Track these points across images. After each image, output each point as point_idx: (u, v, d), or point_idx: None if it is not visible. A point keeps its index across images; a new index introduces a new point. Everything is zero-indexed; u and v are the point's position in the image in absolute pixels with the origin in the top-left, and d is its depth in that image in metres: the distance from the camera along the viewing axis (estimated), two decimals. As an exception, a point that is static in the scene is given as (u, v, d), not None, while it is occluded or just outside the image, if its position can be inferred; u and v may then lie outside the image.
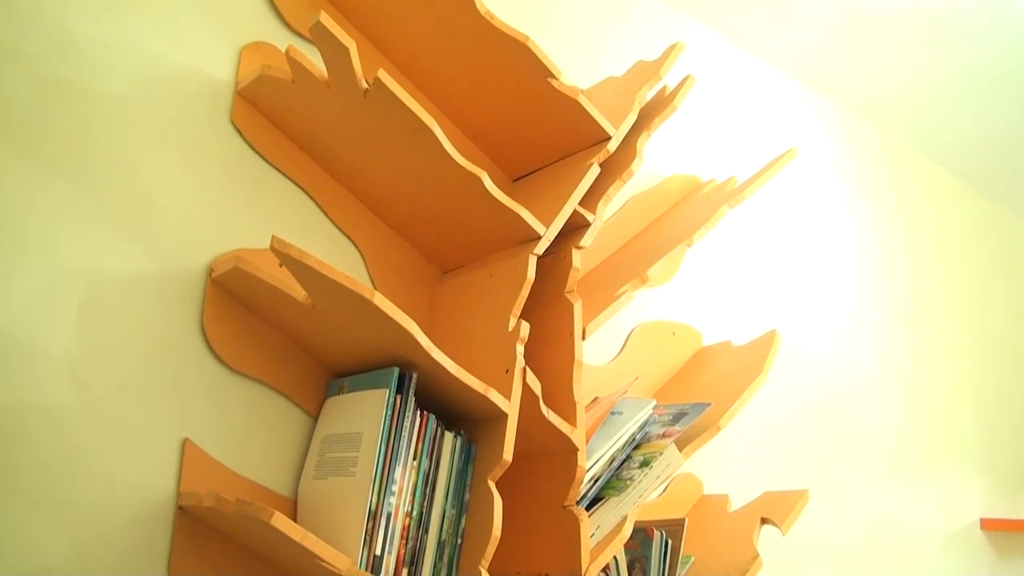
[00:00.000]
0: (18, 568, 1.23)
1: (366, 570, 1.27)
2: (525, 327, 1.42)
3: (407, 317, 1.29)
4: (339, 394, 1.47)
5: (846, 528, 2.58)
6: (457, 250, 1.65)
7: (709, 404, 1.68)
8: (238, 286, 1.42)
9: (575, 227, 1.59)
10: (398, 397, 1.36)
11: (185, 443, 1.38)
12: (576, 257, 1.56)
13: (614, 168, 1.65)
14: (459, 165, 1.40)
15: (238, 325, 1.46)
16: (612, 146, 1.62)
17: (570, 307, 1.53)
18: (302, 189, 1.58)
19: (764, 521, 1.76)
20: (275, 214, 1.54)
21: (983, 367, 3.29)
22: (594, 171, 1.56)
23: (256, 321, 1.48)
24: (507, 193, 1.78)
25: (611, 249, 1.97)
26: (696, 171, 2.28)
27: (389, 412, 1.34)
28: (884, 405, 2.80)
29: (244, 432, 1.45)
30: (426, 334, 1.48)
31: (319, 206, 1.59)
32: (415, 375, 1.38)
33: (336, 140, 1.51)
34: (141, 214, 1.41)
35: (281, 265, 1.47)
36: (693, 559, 1.77)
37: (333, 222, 1.61)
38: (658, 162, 2.19)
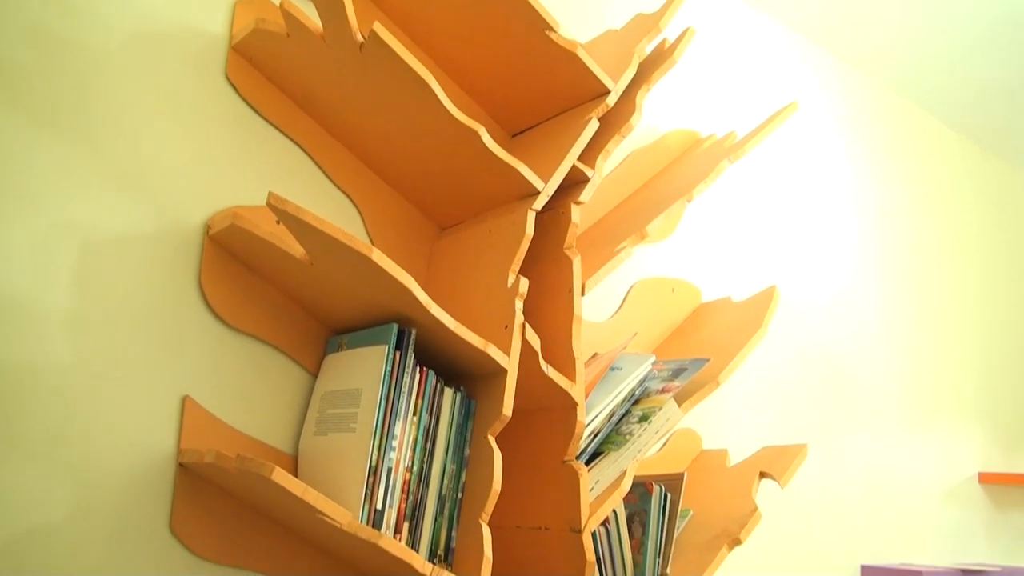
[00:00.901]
0: (20, 525, 1.23)
1: (367, 524, 1.28)
2: (524, 283, 1.42)
3: (405, 273, 1.28)
4: (338, 351, 1.47)
5: (845, 482, 2.60)
6: (455, 206, 1.64)
7: (708, 359, 1.69)
8: (235, 243, 1.42)
9: (574, 182, 1.58)
10: (397, 353, 1.36)
11: (185, 400, 1.39)
12: (575, 213, 1.55)
13: (613, 122, 1.64)
14: (456, 120, 1.39)
15: (236, 282, 1.46)
16: (611, 100, 1.60)
17: (569, 263, 1.52)
18: (298, 145, 1.57)
19: (763, 475, 1.77)
20: (272, 171, 1.53)
21: (983, 322, 3.29)
22: (593, 125, 1.55)
23: (254, 278, 1.47)
24: (505, 148, 1.76)
25: (610, 205, 1.96)
26: (696, 126, 2.26)
27: (388, 368, 1.34)
28: (883, 360, 2.80)
29: (244, 389, 1.46)
30: (425, 291, 1.48)
31: (316, 162, 1.58)
32: (414, 331, 1.38)
33: (332, 95, 1.50)
34: (137, 171, 1.40)
35: (278, 222, 1.46)
36: (692, 513, 1.78)
37: (330, 179, 1.59)
38: (657, 117, 2.18)
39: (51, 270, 1.31)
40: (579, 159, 1.57)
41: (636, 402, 1.65)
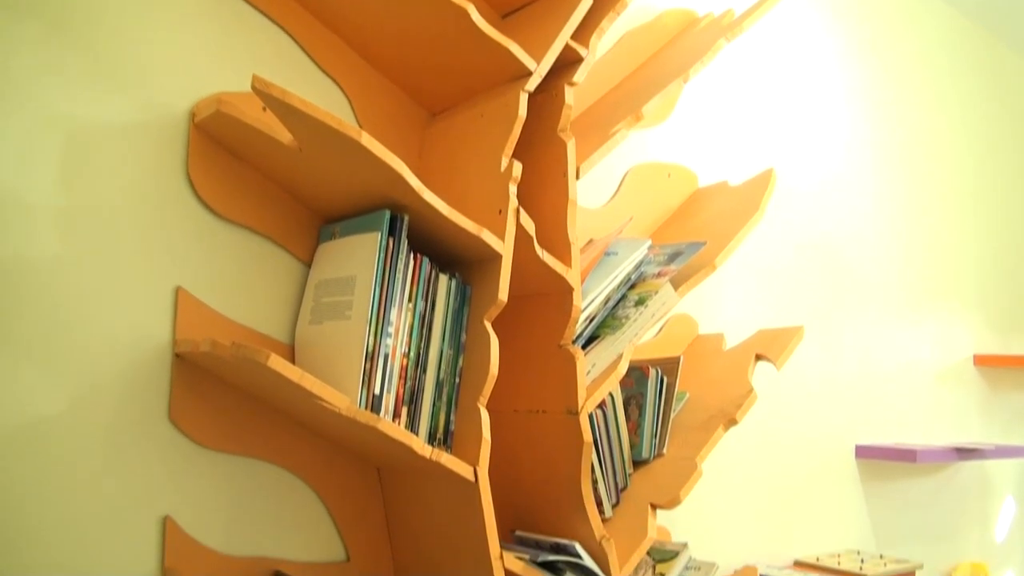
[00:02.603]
0: (17, 419, 1.24)
1: (366, 409, 1.29)
2: (517, 166, 1.40)
3: (396, 157, 1.26)
4: (331, 239, 1.46)
5: (841, 365, 2.63)
6: (446, 91, 1.60)
7: (704, 243, 1.68)
8: (222, 131, 1.39)
9: (567, 63, 1.54)
10: (390, 240, 1.34)
11: (178, 291, 1.38)
12: (569, 94, 1.51)
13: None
14: (445, -2, 1.35)
15: (224, 171, 1.43)
16: (605, -24, 1.55)
17: (563, 146, 1.50)
18: (283, 30, 1.52)
19: (759, 357, 1.78)
20: (257, 57, 1.49)
21: (979, 207, 3.28)
22: (586, 2, 1.50)
23: (243, 167, 1.45)
24: (496, 28, 1.71)
25: (605, 88, 1.92)
26: (692, 5, 2.20)
27: (382, 255, 1.33)
28: (880, 244, 2.80)
29: (237, 280, 1.45)
30: (417, 178, 1.45)
31: (302, 47, 1.54)
32: (406, 217, 1.36)
33: (315, -25, 1.45)
34: (120, 60, 1.36)
35: (265, 108, 1.43)
36: (688, 395, 1.80)
37: (317, 64, 1.55)
38: (653, -3, 2.11)
39: (37, 164, 1.28)
40: (572, 38, 1.53)
41: (632, 287, 1.64)
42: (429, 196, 1.31)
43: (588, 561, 1.43)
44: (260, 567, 1.43)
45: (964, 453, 2.72)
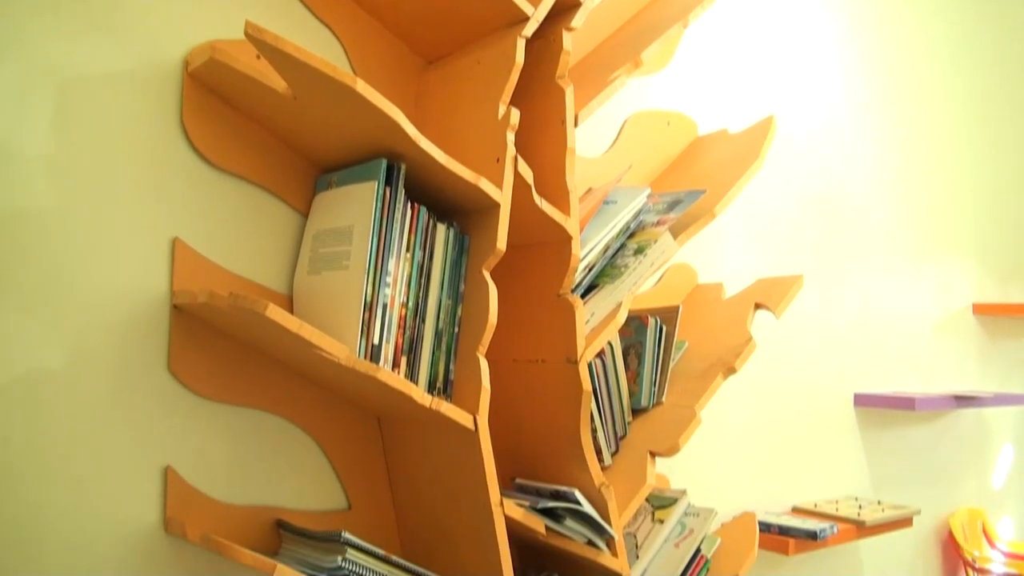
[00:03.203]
0: (16, 372, 1.24)
1: (365, 359, 1.29)
2: (515, 114, 1.38)
3: (392, 105, 1.24)
4: (328, 189, 1.45)
5: (840, 313, 2.63)
6: (442, 38, 1.58)
7: (704, 191, 1.67)
8: (216, 79, 1.37)
9: (565, 7, 1.52)
10: (387, 189, 1.33)
11: (175, 242, 1.37)
12: (567, 40, 1.49)
13: (605, -57, 1.56)
14: (440, -59, 1.32)
15: (219, 121, 1.42)
16: (602, -82, 1.52)
17: (561, 93, 1.48)
18: (276, -24, 1.50)
19: (758, 306, 1.78)
20: (250, 3, 1.47)
21: (979, 155, 3.25)
22: (584, -54, 1.48)
23: (238, 116, 1.43)
24: (493, -24, 1.69)
25: (604, 34, 1.89)
26: (692, -50, 2.16)
27: (379, 204, 1.32)
28: (880, 191, 2.78)
29: (234, 231, 1.44)
30: (414, 126, 1.43)
31: (295, -6, 1.52)
32: (403, 166, 1.35)
33: (308, -81, 1.42)
34: (112, 7, 1.34)
35: (259, 56, 1.41)
36: (687, 344, 1.80)
37: (311, 10, 1.53)
38: (652, -59, 2.08)
39: (29, 114, 1.27)
40: (570, -17, 1.50)
41: (631, 235, 1.64)
42: (426, 144, 1.29)
43: (587, 508, 1.45)
44: (262, 516, 1.44)
45: (962, 401, 2.73)
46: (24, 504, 1.24)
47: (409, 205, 1.36)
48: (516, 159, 1.39)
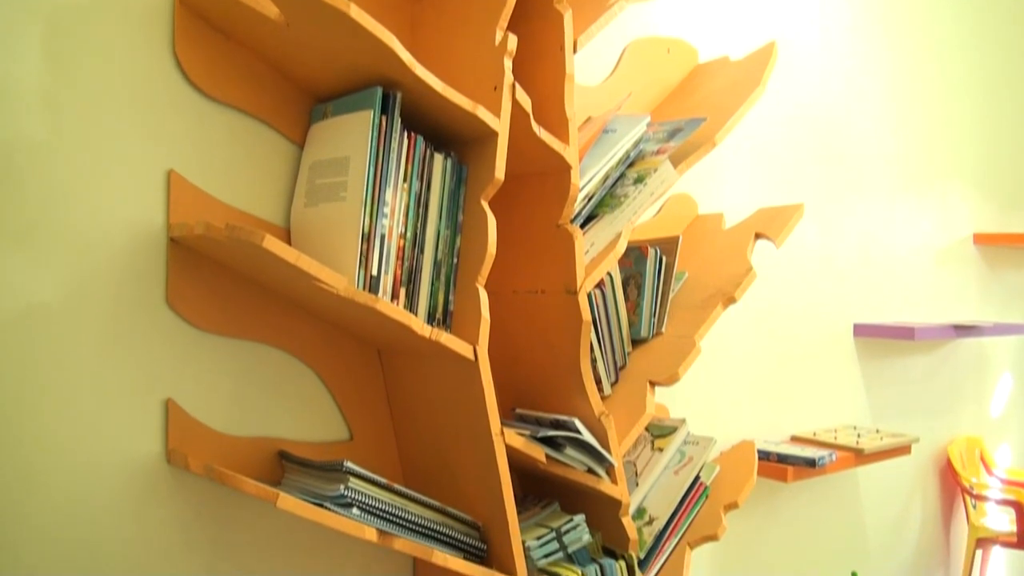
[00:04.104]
0: (13, 305, 1.23)
1: (364, 290, 1.28)
2: (512, 40, 1.36)
3: (386, 31, 1.22)
4: (323, 119, 1.43)
5: (840, 244, 2.62)
6: (437, -37, 1.54)
7: (704, 119, 1.65)
8: (208, 7, 1.34)
9: (562, -70, 1.48)
10: (383, 118, 1.32)
11: (170, 174, 1.36)
12: (564, -37, 1.46)
13: None
14: None
15: (212, 50, 1.39)
16: None
17: (559, 18, 1.45)
18: (266, -101, 1.45)
19: (759, 236, 1.77)
20: (239, -72, 1.43)
21: (980, 84, 3.21)
22: None
23: (231, 45, 1.40)
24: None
25: (602, -41, 1.85)
26: None
27: (375, 134, 1.30)
28: (881, 121, 2.75)
29: (230, 163, 1.42)
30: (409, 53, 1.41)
31: (286, -82, 1.48)
32: (399, 94, 1.33)
33: None
34: (94, -69, 1.31)
35: (250, -17, 1.38)
36: (687, 275, 1.79)
37: (302, -64, 1.49)
38: None
39: (18, 46, 1.24)
40: (568, -97, 1.46)
41: (631, 164, 1.62)
42: (421, 71, 1.27)
43: (587, 436, 1.45)
44: (264, 447, 1.45)
45: (962, 330, 2.74)
46: (27, 437, 1.24)
47: (406, 135, 1.35)
48: (514, 87, 1.37)
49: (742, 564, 2.38)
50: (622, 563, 1.51)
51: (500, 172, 1.36)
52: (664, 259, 1.69)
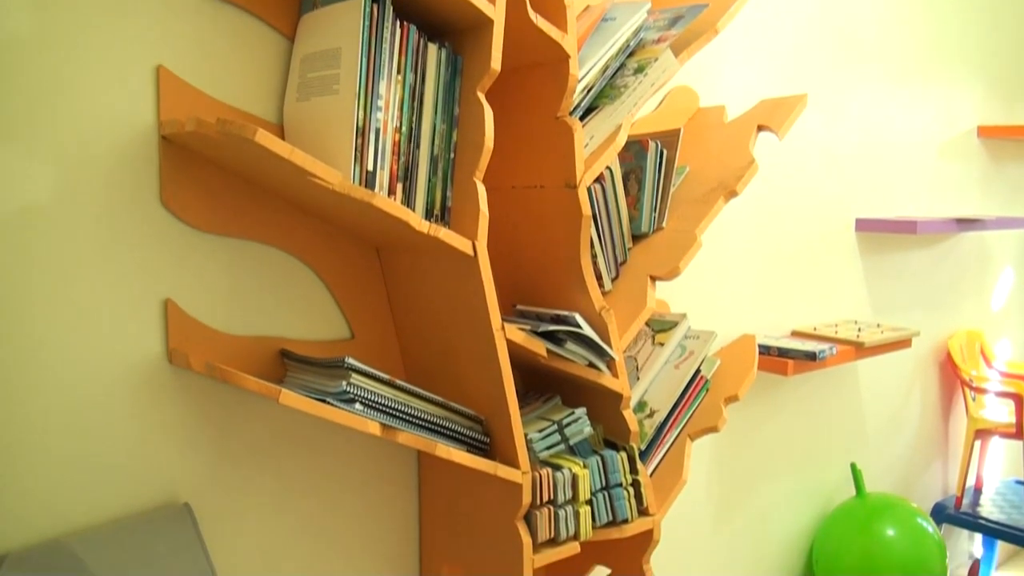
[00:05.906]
0: (3, 207, 1.21)
1: (360, 185, 1.26)
2: (507, -78, 1.31)
3: (376, -87, 1.17)
4: (313, 10, 1.38)
5: (843, 137, 2.58)
6: None
7: (706, 5, 1.60)
8: None
9: None
10: (375, 6, 1.27)
11: (159, 70, 1.32)
12: None
13: None
14: None
15: (195, -61, 1.34)
16: None
17: (555, -100, 1.39)
18: None
19: (761, 128, 1.74)
20: None
21: (996, -34, 3.12)
22: None
23: (214, -66, 1.36)
24: None
25: None
26: None
27: (367, 23, 1.26)
28: (884, 11, 2.68)
29: (219, 57, 1.38)
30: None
31: None
32: (391, -19, 1.29)
33: None
34: None
35: None
36: (688, 169, 1.77)
37: None
38: None
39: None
40: None
41: (631, 54, 1.58)
42: (413, -43, 1.23)
43: (588, 330, 1.45)
44: (265, 346, 1.45)
45: (964, 224, 2.72)
46: (25, 339, 1.24)
47: (398, 24, 1.31)
48: (509, -28, 1.32)
49: (742, 455, 2.41)
50: (623, 454, 1.53)
51: (496, 62, 1.32)
52: (665, 153, 1.67)
